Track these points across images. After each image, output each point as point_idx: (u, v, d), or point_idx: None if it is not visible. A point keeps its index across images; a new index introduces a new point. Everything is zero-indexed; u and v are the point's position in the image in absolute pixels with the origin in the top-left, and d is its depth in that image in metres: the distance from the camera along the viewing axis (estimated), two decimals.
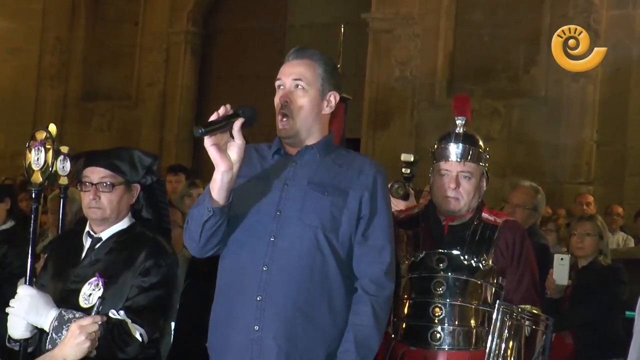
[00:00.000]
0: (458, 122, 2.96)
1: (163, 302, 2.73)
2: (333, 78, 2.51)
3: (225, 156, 2.25)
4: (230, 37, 11.09)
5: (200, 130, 2.18)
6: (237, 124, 2.26)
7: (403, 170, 3.63)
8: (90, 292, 2.65)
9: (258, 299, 2.34)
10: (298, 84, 2.45)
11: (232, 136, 2.27)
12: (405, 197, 3.38)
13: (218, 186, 2.27)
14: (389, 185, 3.51)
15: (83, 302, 2.65)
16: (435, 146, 2.97)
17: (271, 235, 2.37)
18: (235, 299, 2.39)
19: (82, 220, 3.03)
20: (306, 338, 2.36)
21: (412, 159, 3.62)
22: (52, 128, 2.82)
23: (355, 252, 2.44)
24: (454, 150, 2.90)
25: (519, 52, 8.98)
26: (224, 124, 2.23)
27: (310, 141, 2.49)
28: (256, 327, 2.34)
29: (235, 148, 2.27)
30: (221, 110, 2.24)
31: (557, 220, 6.26)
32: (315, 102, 2.47)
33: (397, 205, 3.33)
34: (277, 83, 2.49)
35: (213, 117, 2.23)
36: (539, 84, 8.83)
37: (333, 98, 2.51)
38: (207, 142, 2.24)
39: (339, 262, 2.41)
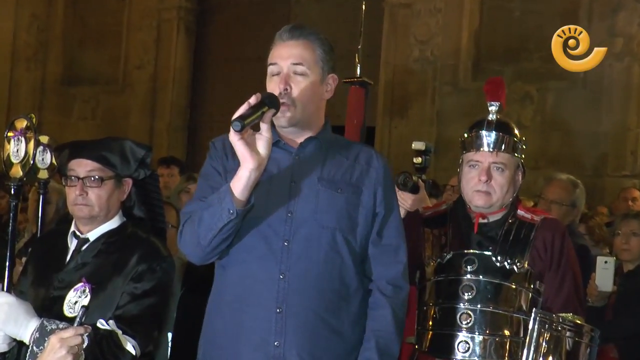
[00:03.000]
0: (491, 107, 2.97)
1: (157, 310, 2.73)
2: (332, 60, 2.54)
3: (255, 152, 2.25)
4: (228, 13, 11.07)
5: (239, 124, 2.18)
6: (269, 115, 2.27)
7: (414, 160, 3.65)
8: (76, 300, 2.66)
9: (278, 310, 2.36)
10: (298, 68, 2.45)
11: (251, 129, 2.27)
12: (414, 190, 3.37)
13: (243, 185, 2.26)
14: (396, 177, 3.49)
15: (68, 311, 2.66)
16: (465, 135, 2.97)
17: (284, 240, 2.39)
18: (246, 311, 2.39)
19: (65, 219, 3.03)
20: (331, 350, 2.40)
21: (424, 147, 3.65)
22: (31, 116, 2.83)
23: (370, 252, 2.50)
24: (486, 138, 2.90)
25: (554, 28, 8.88)
26: (259, 115, 2.24)
27: (311, 131, 2.52)
28: (276, 343, 2.36)
29: (264, 142, 2.27)
30: (252, 100, 2.25)
31: (598, 219, 6.23)
32: (316, 87, 2.49)
33: (405, 200, 3.33)
34: (271, 68, 2.49)
35: (244, 108, 2.23)
36: None
37: (332, 81, 2.55)
38: (235, 136, 2.23)
39: (356, 265, 2.47)
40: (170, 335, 3.92)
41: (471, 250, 2.88)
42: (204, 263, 2.46)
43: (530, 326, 2.75)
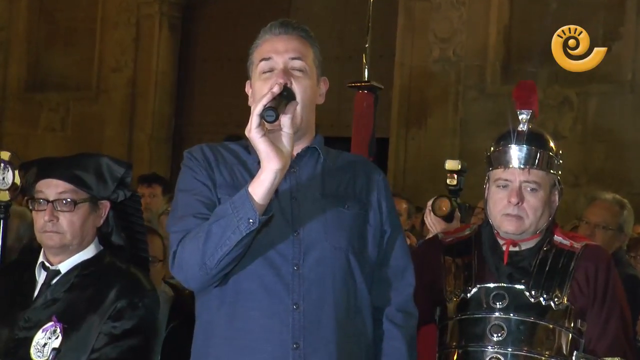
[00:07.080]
0: (521, 116, 2.97)
1: (139, 353, 2.75)
2: (322, 61, 2.60)
3: (279, 150, 2.26)
4: (218, 7, 11.12)
5: (274, 113, 2.20)
6: (293, 107, 2.31)
7: (448, 181, 3.68)
8: (45, 342, 2.68)
9: (294, 346, 2.37)
10: (296, 63, 2.49)
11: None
12: (449, 218, 3.40)
13: (266, 189, 2.25)
14: (432, 201, 3.52)
15: (35, 355, 2.67)
16: (492, 148, 2.97)
17: (293, 264, 2.40)
18: (257, 349, 2.39)
19: (29, 249, 3.04)
20: None
21: (459, 167, 3.69)
22: None
23: (377, 275, 2.55)
24: (516, 153, 2.90)
25: (597, 23, 8.94)
26: (283, 107, 2.27)
27: (306, 140, 2.56)
28: None
29: (288, 139, 2.28)
30: (276, 89, 2.27)
31: None
32: (314, 88, 2.54)
33: (435, 226, 3.34)
34: (262, 64, 2.51)
35: (268, 98, 2.24)
36: (623, 65, 8.79)
37: (324, 85, 2.61)
38: (259, 132, 2.23)
39: (369, 291, 2.51)
40: None
41: (500, 284, 2.88)
42: (203, 289, 2.43)
43: None
